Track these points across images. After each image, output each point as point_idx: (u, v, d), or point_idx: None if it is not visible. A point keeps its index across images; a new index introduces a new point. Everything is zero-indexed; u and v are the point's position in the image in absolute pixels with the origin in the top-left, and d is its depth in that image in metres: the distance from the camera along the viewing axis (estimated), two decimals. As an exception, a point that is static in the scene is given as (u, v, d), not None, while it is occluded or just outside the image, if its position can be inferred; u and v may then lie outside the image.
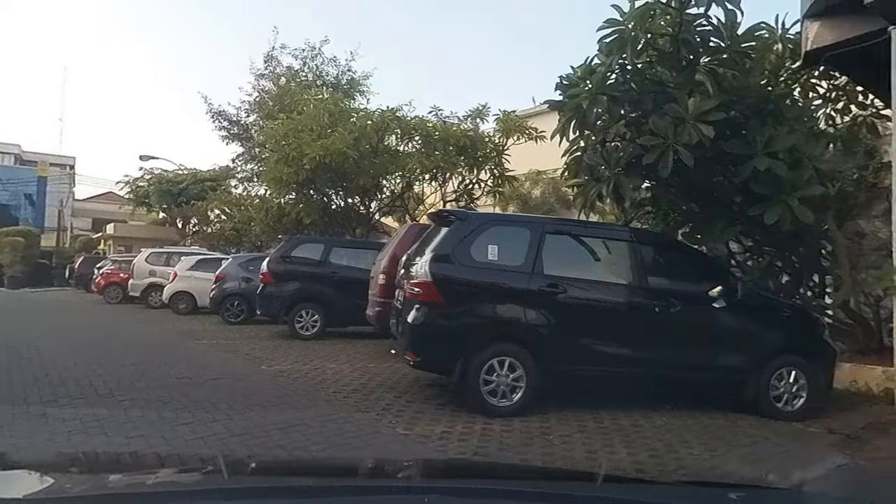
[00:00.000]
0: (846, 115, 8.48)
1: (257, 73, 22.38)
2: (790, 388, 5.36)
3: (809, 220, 6.15)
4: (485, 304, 5.01)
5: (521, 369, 4.90)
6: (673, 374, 5.24)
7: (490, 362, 4.87)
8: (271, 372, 6.90)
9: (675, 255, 5.70)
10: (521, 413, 4.91)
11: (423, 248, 5.32)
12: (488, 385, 4.88)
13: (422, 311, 4.92)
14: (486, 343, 4.91)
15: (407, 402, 5.32)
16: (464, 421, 4.76)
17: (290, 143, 13.41)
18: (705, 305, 5.29)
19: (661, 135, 6.08)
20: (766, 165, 6.07)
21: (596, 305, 5.13)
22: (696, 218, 7.46)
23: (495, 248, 4.98)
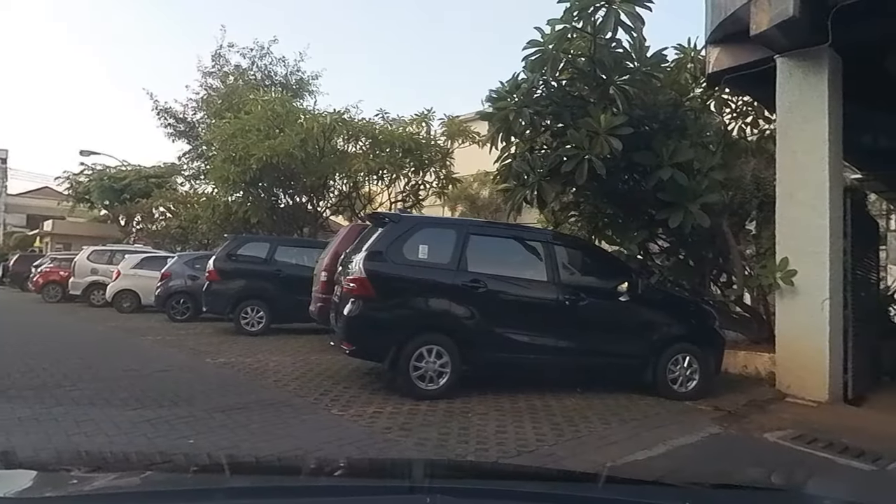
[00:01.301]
0: (755, 128, 9.43)
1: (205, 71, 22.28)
2: (685, 371, 6.10)
3: (706, 223, 6.95)
4: (415, 298, 5.54)
5: (448, 357, 5.45)
6: (583, 361, 5.89)
7: (419, 350, 5.39)
8: (216, 364, 7.23)
9: (585, 254, 6.41)
10: (447, 396, 5.46)
11: (359, 248, 5.80)
12: (418, 371, 5.41)
13: (357, 304, 5.41)
14: (416, 333, 5.43)
15: (344, 388, 5.79)
16: (394, 403, 5.27)
17: (238, 142, 13.60)
18: (611, 299, 5.97)
19: (578, 146, 6.76)
20: (669, 175, 6.83)
21: (514, 299, 5.73)
22: (614, 222, 8.21)
23: (425, 248, 5.52)
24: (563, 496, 1.65)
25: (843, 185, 6.96)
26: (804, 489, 2.26)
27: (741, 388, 6.65)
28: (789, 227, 6.66)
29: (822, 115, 6.48)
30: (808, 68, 6.60)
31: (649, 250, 8.96)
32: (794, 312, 6.54)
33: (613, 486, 1.77)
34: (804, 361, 6.42)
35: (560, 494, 1.67)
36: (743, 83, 7.93)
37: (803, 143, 6.60)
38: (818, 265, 6.37)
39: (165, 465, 2.04)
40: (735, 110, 9.43)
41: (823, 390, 6.30)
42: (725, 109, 9.45)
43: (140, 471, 1.83)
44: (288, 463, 2.62)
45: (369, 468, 2.29)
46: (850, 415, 5.99)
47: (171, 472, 1.81)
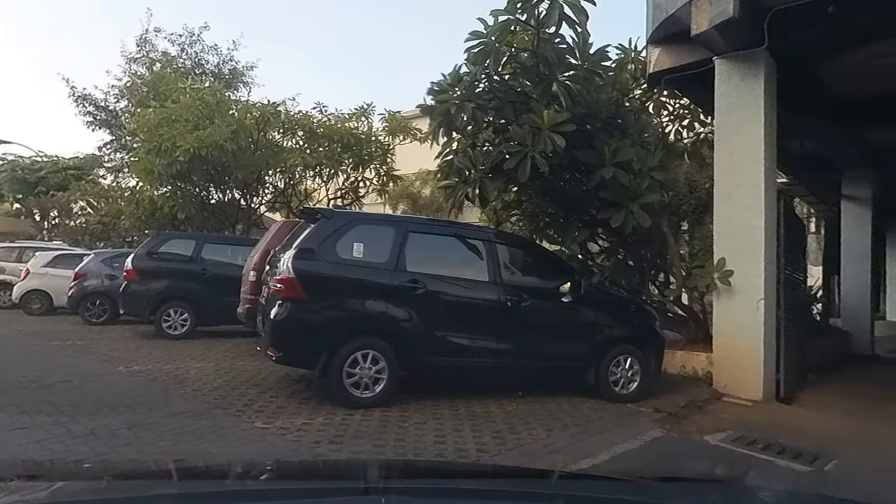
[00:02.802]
0: (691, 131, 9.56)
1: (129, 57, 20.91)
2: (626, 373, 6.01)
3: (647, 223, 6.92)
4: (348, 300, 5.16)
5: (384, 362, 5.11)
6: (525, 364, 5.69)
7: (353, 355, 5.03)
8: (129, 372, 6.59)
9: (527, 254, 6.21)
10: (383, 403, 5.12)
11: (290, 245, 5.37)
12: (352, 377, 5.04)
13: (284, 306, 4.98)
14: (350, 337, 5.06)
15: (271, 398, 5.34)
16: (326, 413, 4.89)
17: (163, 133, 12.72)
18: (553, 300, 5.80)
19: (521, 142, 6.58)
20: (611, 174, 6.75)
21: (454, 300, 5.46)
22: (556, 221, 8.10)
23: (360, 246, 5.16)
24: (517, 493, 1.64)
25: (776, 187, 7.08)
26: (747, 481, 2.35)
27: (680, 389, 6.64)
28: (726, 227, 6.71)
29: (758, 118, 6.56)
30: (746, 71, 6.67)
31: (590, 250, 8.93)
32: (731, 312, 6.59)
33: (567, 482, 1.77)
34: (740, 361, 6.47)
35: (515, 491, 1.66)
36: (682, 84, 7.98)
37: (740, 145, 6.66)
38: (754, 265, 6.44)
39: (112, 472, 1.98)
40: (672, 113, 9.54)
41: (758, 389, 6.37)
42: (663, 112, 9.54)
43: (83, 479, 1.75)
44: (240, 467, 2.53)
45: (323, 470, 2.24)
46: (784, 413, 6.06)
47: (118, 479, 1.74)
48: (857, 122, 10.02)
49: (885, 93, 9.06)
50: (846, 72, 8.25)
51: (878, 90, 9.00)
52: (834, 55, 7.47)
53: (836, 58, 7.56)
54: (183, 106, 13.13)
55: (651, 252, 8.54)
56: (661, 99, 9.29)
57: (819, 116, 9.61)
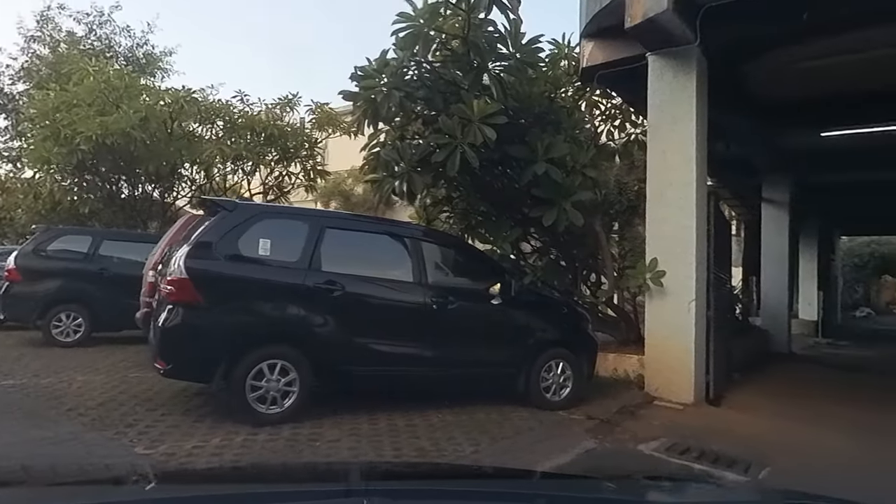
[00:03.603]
0: (623, 132, 9.47)
1: (28, 35, 19.01)
2: (558, 378, 5.72)
3: (580, 222, 6.68)
4: (253, 303, 4.55)
5: (295, 372, 4.55)
6: (452, 371, 5.28)
7: (259, 366, 4.44)
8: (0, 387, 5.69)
9: (456, 253, 5.78)
10: (294, 419, 4.57)
11: (185, 242, 4.71)
12: (256, 391, 4.45)
13: (175, 311, 4.33)
14: (254, 346, 4.47)
15: (161, 416, 4.66)
16: (224, 433, 4.28)
17: (62, 118, 11.49)
18: (482, 303, 5.42)
19: (450, 134, 6.17)
20: (543, 170, 6.46)
21: (375, 303, 4.97)
22: (488, 219, 7.75)
23: (268, 243, 4.57)
24: (500, 493, 1.66)
25: (707, 186, 7.03)
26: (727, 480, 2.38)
27: (612, 393, 6.44)
28: (658, 227, 6.57)
29: (691, 116, 6.45)
30: (678, 68, 6.55)
31: (522, 250, 8.66)
32: (663, 314, 6.45)
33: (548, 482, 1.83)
34: (671, 363, 6.34)
35: (497, 492, 1.67)
36: (615, 83, 7.85)
37: (672, 143, 6.53)
38: (685, 266, 6.32)
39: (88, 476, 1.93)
40: (604, 113, 9.43)
41: (689, 392, 6.25)
42: (595, 111, 9.42)
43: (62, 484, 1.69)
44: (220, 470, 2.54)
45: (305, 472, 2.25)
46: (714, 417, 5.96)
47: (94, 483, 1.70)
48: (777, 125, 10.30)
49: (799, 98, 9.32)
50: (767, 75, 8.38)
51: (793, 94, 9.24)
52: (757, 56, 7.52)
53: (758, 59, 7.61)
54: (86, 89, 11.91)
55: (583, 252, 8.36)
56: (593, 98, 9.16)
57: (743, 119, 9.78)
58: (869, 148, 11.44)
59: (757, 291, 14.54)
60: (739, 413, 6.25)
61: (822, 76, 8.34)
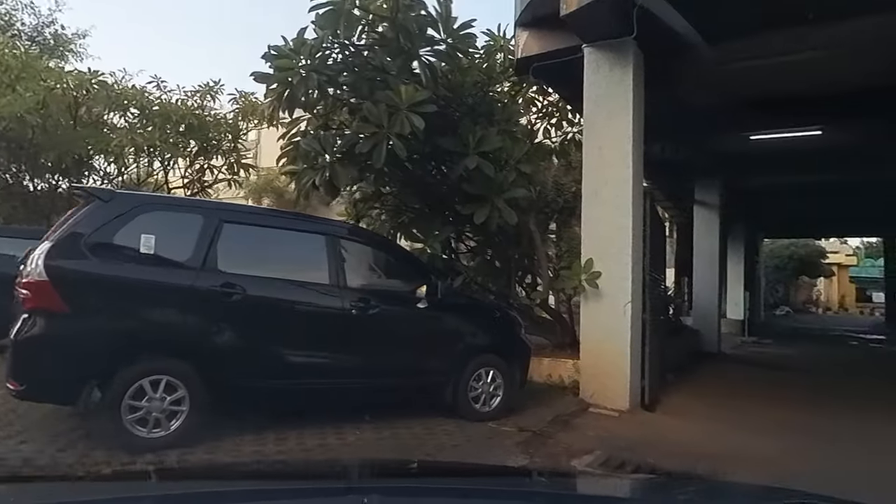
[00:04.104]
0: (560, 130, 9.23)
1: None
2: (488, 388, 5.33)
3: (513, 220, 6.33)
4: (131, 310, 3.87)
5: (183, 389, 3.93)
6: (373, 382, 4.79)
7: (139, 384, 3.80)
8: None
9: (377, 252, 5.25)
10: (182, 443, 3.94)
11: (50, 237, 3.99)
12: (135, 413, 3.80)
13: (32, 321, 3.62)
14: (133, 360, 3.81)
15: (18, 445, 3.91)
16: (92, 463, 3.62)
17: (-57, 99, 10.19)
18: (407, 307, 4.96)
19: (376, 122, 5.68)
20: (475, 164, 6.07)
21: (283, 308, 4.41)
22: (420, 217, 7.30)
23: (151, 239, 3.92)
24: (499, 491, 1.69)
25: (643, 185, 6.83)
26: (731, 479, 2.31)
27: (546, 400, 6.12)
28: (594, 226, 6.31)
29: (627, 111, 6.22)
30: (615, 61, 6.31)
31: (457, 250, 8.26)
32: (598, 316, 6.19)
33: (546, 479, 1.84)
34: (607, 368, 6.08)
35: (497, 490, 1.70)
36: (551, 78, 7.56)
37: (608, 139, 6.29)
38: (622, 267, 6.07)
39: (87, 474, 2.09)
40: (541, 110, 9.17)
41: (625, 398, 6.01)
42: (532, 109, 9.15)
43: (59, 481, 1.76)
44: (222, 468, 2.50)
45: (305, 470, 2.27)
46: (650, 424, 5.73)
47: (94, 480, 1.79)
48: (709, 128, 10.37)
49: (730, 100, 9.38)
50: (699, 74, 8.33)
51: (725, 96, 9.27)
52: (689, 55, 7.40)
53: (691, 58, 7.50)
54: (-29, 68, 10.64)
55: (519, 252, 8.05)
56: (530, 94, 8.89)
57: (678, 120, 9.75)
58: (790, 151, 11.75)
59: (689, 292, 14.77)
60: (675, 419, 6.06)
61: (750, 78, 8.36)
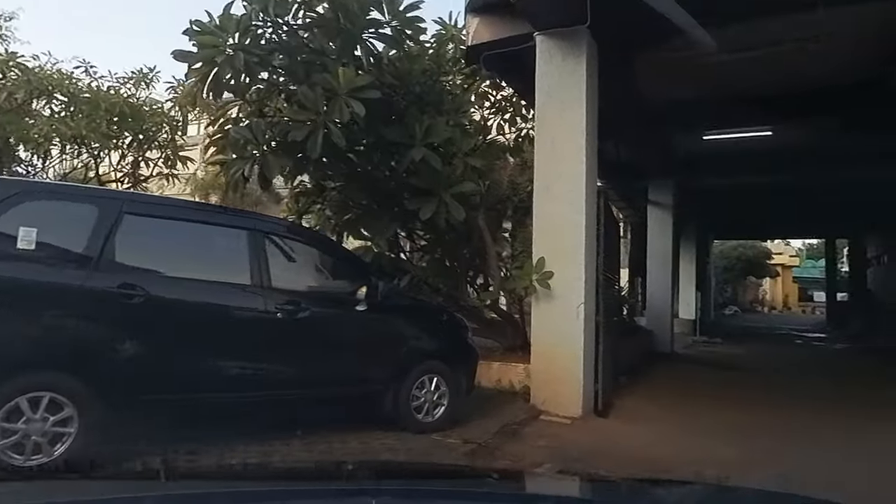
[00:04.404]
0: (514, 125, 8.92)
1: None
2: (431, 396, 4.93)
3: (461, 216, 5.96)
4: (5, 316, 3.32)
5: (72, 407, 3.38)
6: (302, 393, 4.32)
7: (14, 402, 3.23)
8: None
9: (309, 249, 4.74)
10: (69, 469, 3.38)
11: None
12: (10, 437, 3.23)
13: None
14: (8, 374, 3.25)
15: None
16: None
17: None
18: (342, 309, 4.52)
19: (311, 108, 5.21)
20: (421, 155, 5.67)
21: (195, 312, 3.90)
22: (368, 213, 6.84)
23: (32, 232, 3.36)
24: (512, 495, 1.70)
25: (597, 180, 6.58)
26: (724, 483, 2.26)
27: (495, 408, 5.78)
28: (546, 223, 6.01)
29: (580, 103, 5.95)
30: (568, 51, 6.02)
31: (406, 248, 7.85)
32: (551, 318, 5.89)
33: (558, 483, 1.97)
34: (559, 373, 5.78)
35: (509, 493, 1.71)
36: (504, 67, 7.23)
37: (561, 132, 6.00)
38: (574, 266, 5.79)
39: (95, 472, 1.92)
40: (494, 105, 8.86)
41: (577, 404, 5.72)
42: (485, 103, 8.83)
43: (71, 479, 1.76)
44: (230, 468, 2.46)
45: (315, 471, 2.24)
46: (603, 431, 5.45)
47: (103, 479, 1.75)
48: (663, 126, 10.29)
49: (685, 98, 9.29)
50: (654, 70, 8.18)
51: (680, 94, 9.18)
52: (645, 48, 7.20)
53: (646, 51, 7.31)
54: None
55: (470, 251, 7.70)
56: (483, 89, 8.57)
57: (632, 117, 9.61)
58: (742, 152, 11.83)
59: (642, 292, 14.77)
60: (629, 424, 5.81)
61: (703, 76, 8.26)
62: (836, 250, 28.67)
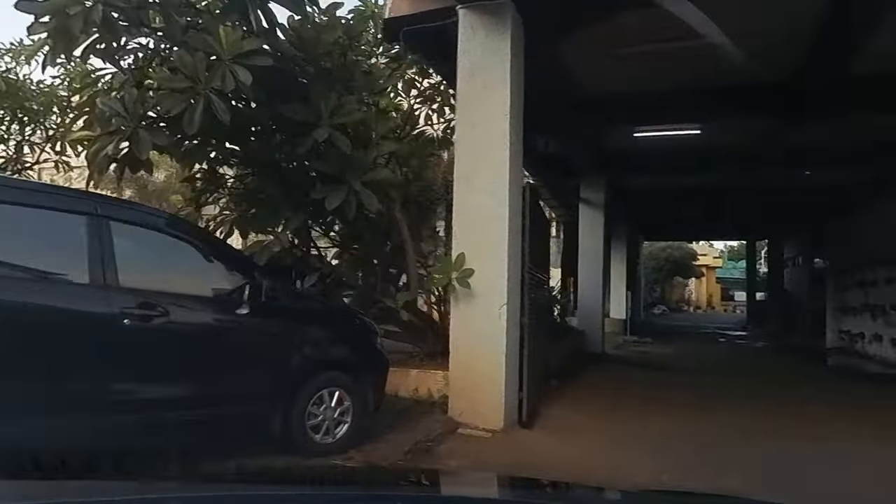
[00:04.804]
0: (442, 116, 8.33)
1: None
2: (332, 413, 4.24)
3: (374, 206, 5.30)
4: None
5: None
6: (166, 417, 3.53)
7: None
8: None
9: (172, 240, 3.87)
10: None
11: None
12: None
13: None
14: None
15: None
16: None
17: None
18: (215, 313, 3.78)
19: (189, 75, 4.41)
20: (326, 135, 4.97)
21: (13, 319, 3.05)
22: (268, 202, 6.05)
23: None
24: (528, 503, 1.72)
25: (522, 171, 6.09)
26: None
27: (409, 422, 5.16)
28: (467, 217, 5.44)
29: (504, 83, 5.41)
30: (492, 27, 5.48)
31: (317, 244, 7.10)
32: (471, 320, 5.33)
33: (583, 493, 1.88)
34: (479, 381, 5.23)
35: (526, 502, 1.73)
36: (426, 47, 6.61)
37: (483, 115, 5.46)
38: (497, 263, 5.25)
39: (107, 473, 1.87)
40: (422, 93, 8.25)
41: (499, 416, 5.18)
42: (413, 92, 8.20)
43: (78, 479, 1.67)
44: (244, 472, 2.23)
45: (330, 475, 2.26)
46: (527, 446, 4.93)
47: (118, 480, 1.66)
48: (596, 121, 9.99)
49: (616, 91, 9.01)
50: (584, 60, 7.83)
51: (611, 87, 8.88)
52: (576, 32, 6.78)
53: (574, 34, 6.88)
54: None
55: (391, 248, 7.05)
56: (410, 76, 7.95)
57: (563, 110, 9.24)
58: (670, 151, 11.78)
59: (575, 292, 14.56)
60: (555, 436, 5.32)
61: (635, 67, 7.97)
62: (756, 252, 29.92)
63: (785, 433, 5.58)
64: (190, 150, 5.21)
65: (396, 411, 5.39)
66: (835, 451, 5.01)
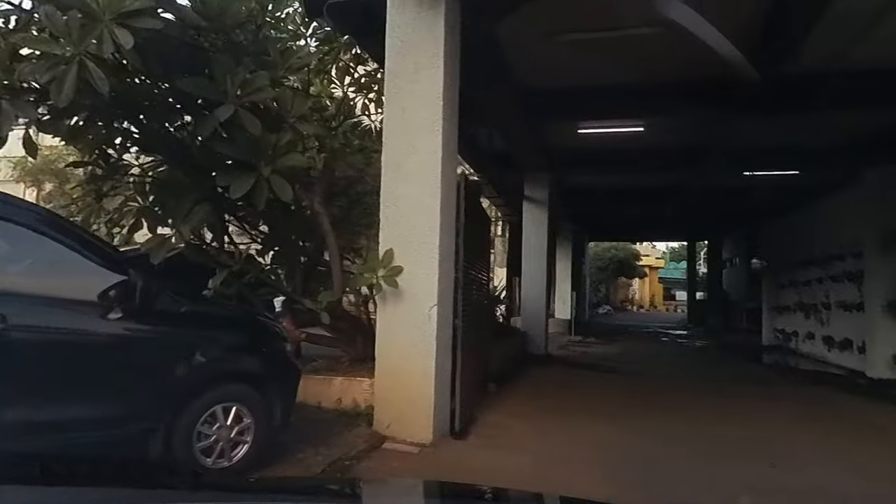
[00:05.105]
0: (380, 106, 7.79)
1: None
2: (228, 433, 3.65)
3: (288, 196, 4.72)
4: None
5: None
6: (23, 440, 2.88)
7: None
8: None
9: (26, 233, 3.14)
10: None
11: None
12: None
13: None
14: None
15: None
16: None
17: None
18: (80, 319, 3.13)
19: (61, 37, 3.73)
20: (230, 113, 4.36)
21: None
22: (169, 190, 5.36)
23: None
24: None
25: (457, 161, 5.63)
26: None
27: (330, 436, 4.63)
28: (395, 209, 4.93)
29: (437, 64, 4.94)
30: (424, 1, 4.99)
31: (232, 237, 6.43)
32: (398, 323, 4.82)
33: None
34: (406, 390, 4.73)
35: None
36: (355, 25, 6.07)
37: (414, 98, 4.96)
38: (427, 260, 4.76)
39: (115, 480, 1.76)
40: (357, 81, 7.69)
41: (428, 428, 4.70)
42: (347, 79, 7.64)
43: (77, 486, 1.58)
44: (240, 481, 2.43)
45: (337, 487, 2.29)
46: (458, 461, 4.44)
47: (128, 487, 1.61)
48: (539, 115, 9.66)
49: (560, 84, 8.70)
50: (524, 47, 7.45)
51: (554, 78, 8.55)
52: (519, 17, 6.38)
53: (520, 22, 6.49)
54: None
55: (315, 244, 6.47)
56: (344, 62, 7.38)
57: (505, 101, 8.86)
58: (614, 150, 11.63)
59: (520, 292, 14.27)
60: (489, 449, 4.87)
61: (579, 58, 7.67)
62: (696, 252, 30.66)
63: (730, 444, 5.34)
64: (72, 128, 4.49)
65: (316, 424, 4.85)
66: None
